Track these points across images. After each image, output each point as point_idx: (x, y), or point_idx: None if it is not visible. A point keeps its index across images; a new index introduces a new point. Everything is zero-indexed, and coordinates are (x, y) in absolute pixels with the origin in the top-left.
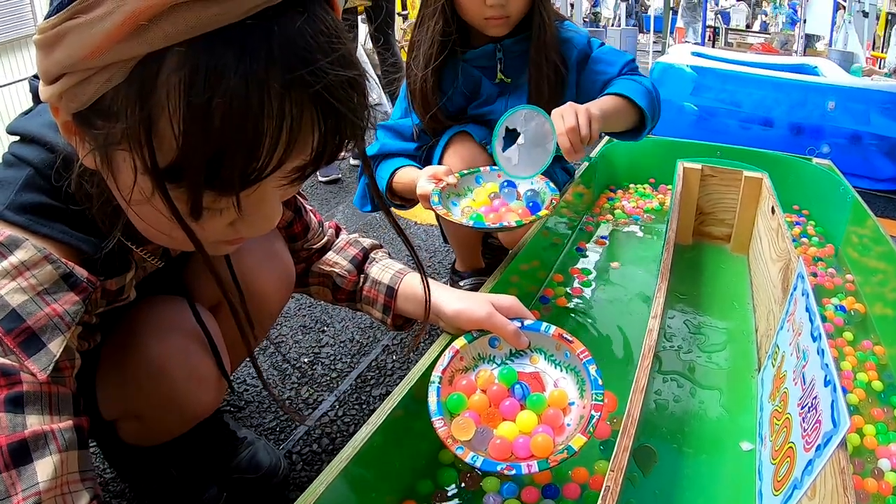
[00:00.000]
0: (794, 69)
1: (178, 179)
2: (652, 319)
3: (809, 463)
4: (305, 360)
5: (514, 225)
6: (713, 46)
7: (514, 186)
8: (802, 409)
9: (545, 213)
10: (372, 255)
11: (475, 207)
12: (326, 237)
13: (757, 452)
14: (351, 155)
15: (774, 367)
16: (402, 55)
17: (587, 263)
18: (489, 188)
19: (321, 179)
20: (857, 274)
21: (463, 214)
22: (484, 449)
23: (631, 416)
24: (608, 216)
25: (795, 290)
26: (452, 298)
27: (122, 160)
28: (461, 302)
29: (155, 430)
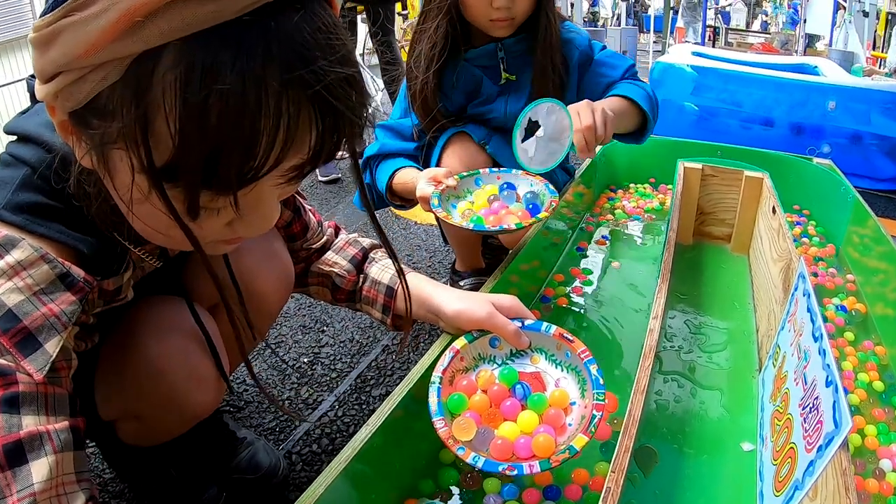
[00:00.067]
0: (794, 69)
1: (174, 178)
2: (652, 319)
3: (811, 464)
4: (305, 360)
5: (513, 228)
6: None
7: (513, 188)
8: (804, 409)
9: (544, 215)
10: (371, 254)
11: (475, 210)
12: (326, 237)
13: (758, 453)
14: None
15: (775, 367)
16: (402, 55)
17: (588, 263)
18: (488, 190)
19: (321, 179)
20: (858, 274)
21: (463, 217)
22: (485, 449)
23: (632, 416)
24: (609, 216)
25: (797, 290)
26: (452, 298)
27: (118, 159)
28: (461, 302)
29: (154, 430)
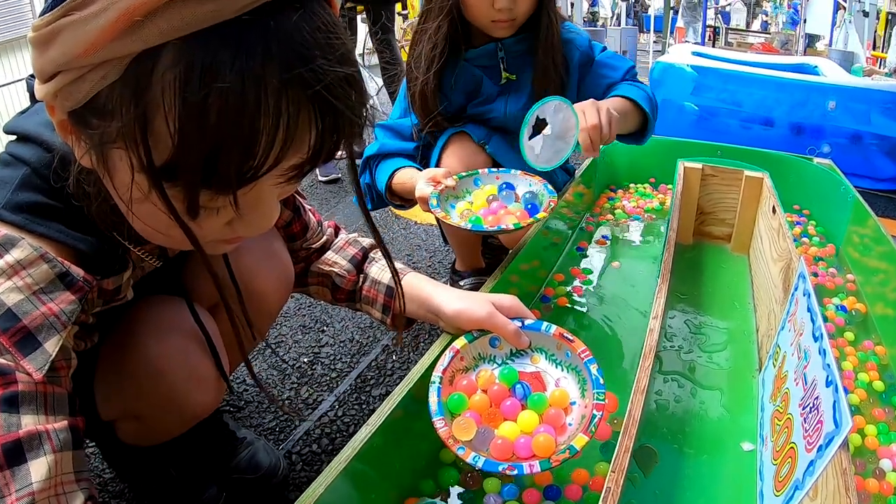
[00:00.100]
0: (794, 69)
1: (174, 177)
2: (652, 319)
3: (811, 464)
4: (305, 360)
5: (512, 228)
6: (713, 46)
7: (512, 189)
8: (804, 409)
9: (543, 215)
10: (371, 254)
11: (473, 210)
12: (325, 237)
13: (758, 453)
14: None
15: (775, 367)
16: (402, 55)
17: (588, 263)
18: (487, 190)
19: (321, 179)
20: (858, 274)
21: (461, 217)
22: (485, 449)
23: (632, 416)
24: (609, 216)
25: (797, 290)
26: (452, 298)
27: (118, 159)
28: (461, 302)
29: (154, 430)
